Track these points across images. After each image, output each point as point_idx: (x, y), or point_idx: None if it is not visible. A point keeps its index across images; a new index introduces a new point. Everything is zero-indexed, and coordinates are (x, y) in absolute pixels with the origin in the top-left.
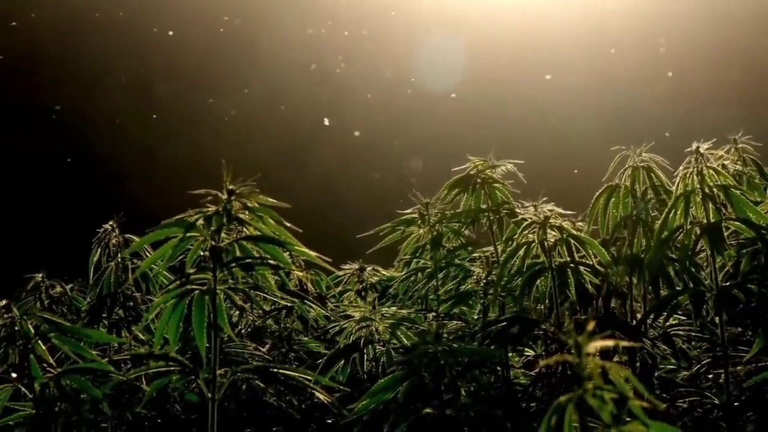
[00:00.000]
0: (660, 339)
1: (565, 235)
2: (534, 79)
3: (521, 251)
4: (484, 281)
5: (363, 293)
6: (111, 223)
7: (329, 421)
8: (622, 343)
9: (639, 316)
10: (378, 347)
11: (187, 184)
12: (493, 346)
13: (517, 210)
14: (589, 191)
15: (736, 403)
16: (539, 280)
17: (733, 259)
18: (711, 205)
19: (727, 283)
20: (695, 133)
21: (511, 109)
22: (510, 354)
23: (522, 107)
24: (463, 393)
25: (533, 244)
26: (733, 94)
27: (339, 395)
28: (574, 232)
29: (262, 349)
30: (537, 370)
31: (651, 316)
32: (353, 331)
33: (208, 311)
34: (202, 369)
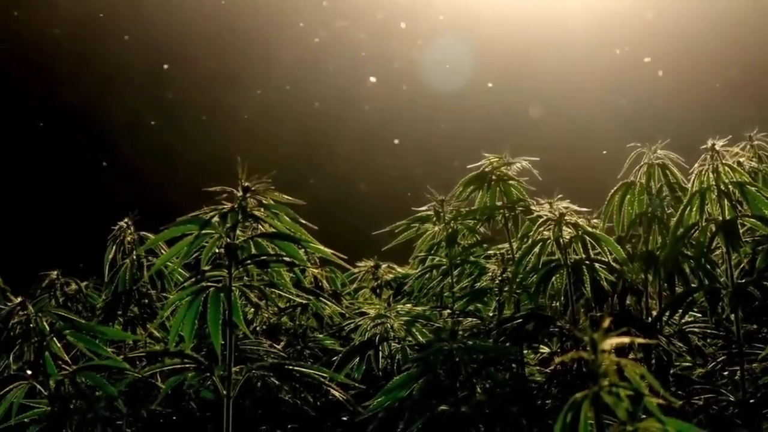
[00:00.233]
0: (675, 336)
1: (580, 232)
2: (549, 77)
3: (536, 248)
4: (500, 278)
5: (378, 290)
6: (126, 220)
7: (344, 418)
8: (638, 340)
9: (654, 313)
10: (393, 344)
11: (201, 182)
12: (508, 343)
13: (532, 207)
14: (604, 188)
15: (751, 400)
16: (554, 277)
17: (749, 256)
18: (726, 202)
19: (742, 280)
20: (710, 130)
21: (527, 106)
22: (525, 351)
23: (537, 105)
24: (479, 390)
25: (548, 241)
26: (749, 91)
27: (354, 392)
28: (590, 229)
29: (277, 347)
30: (552, 367)
31: (666, 313)
32: (368, 328)
33: (223, 308)
34: (217, 366)
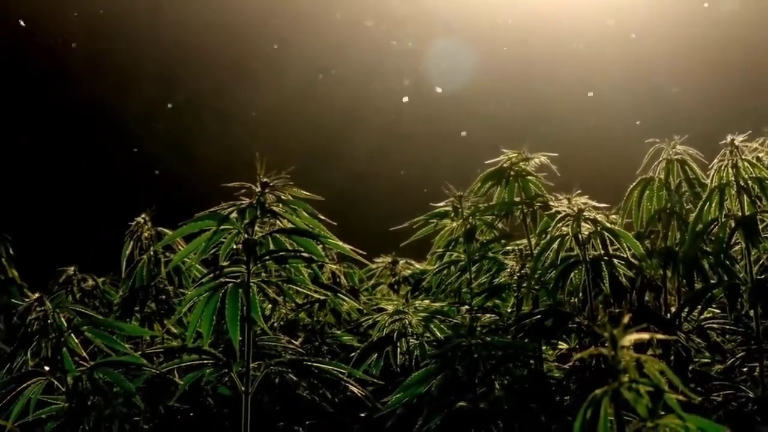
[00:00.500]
0: (694, 332)
1: (599, 227)
2: (566, 73)
3: (555, 244)
4: (518, 274)
5: (396, 286)
6: (143, 216)
7: (362, 414)
8: (657, 336)
9: (673, 309)
10: (411, 340)
11: (219, 178)
12: (526, 340)
13: (550, 203)
14: (623, 184)
15: None
16: (573, 273)
17: None
18: (746, 197)
19: (762, 276)
20: (730, 126)
21: (544, 102)
22: (543, 347)
23: (555, 101)
24: (497, 386)
25: (567, 237)
26: None
27: (372, 388)
28: (609, 225)
29: (295, 343)
30: (571, 364)
31: (685, 309)
32: (386, 325)
33: (242, 304)
34: (235, 362)
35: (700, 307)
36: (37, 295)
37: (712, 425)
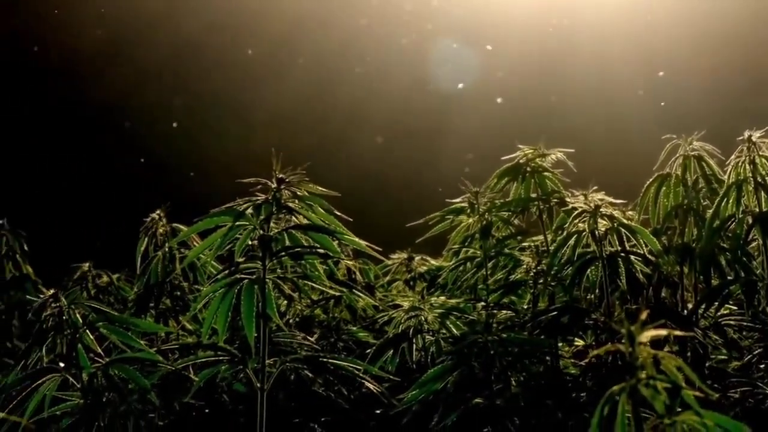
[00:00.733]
0: (711, 329)
1: (615, 224)
2: (581, 69)
3: (572, 240)
4: (534, 271)
5: (412, 283)
6: (158, 212)
7: (378, 411)
8: (674, 333)
9: (690, 305)
10: (427, 337)
11: (234, 174)
12: (542, 336)
13: (567, 199)
14: (639, 180)
15: None
16: (590, 270)
17: None
18: (763, 193)
19: None
20: (747, 122)
21: (560, 98)
22: (560, 344)
23: (570, 96)
24: (513, 383)
25: (584, 233)
26: None
27: (388, 385)
28: (625, 221)
29: (311, 339)
30: (587, 360)
31: (702, 306)
32: (402, 321)
33: (257, 301)
34: (250, 359)
35: (716, 303)
36: (52, 291)
37: (730, 422)
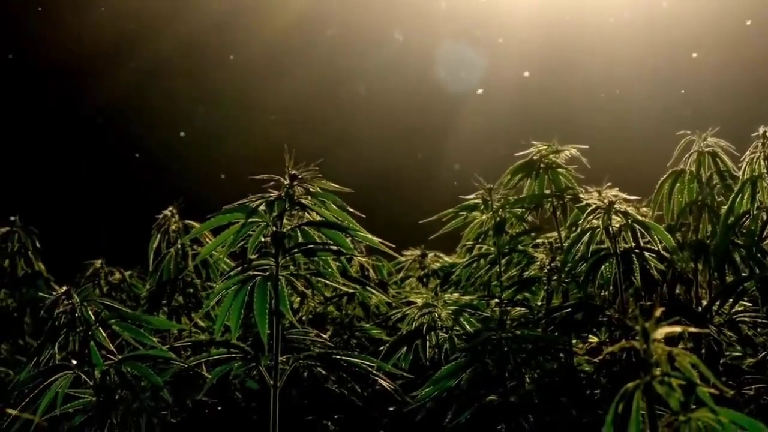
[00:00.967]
0: (725, 325)
1: (629, 220)
2: (595, 67)
3: (585, 237)
4: (548, 267)
5: (425, 279)
6: (171, 209)
7: (391, 408)
8: (689, 330)
9: (704, 302)
10: (441, 334)
11: (245, 171)
12: (556, 333)
13: (581, 195)
14: (653, 177)
15: None
16: (604, 266)
17: None
18: None
19: None
20: (762, 118)
21: (574, 95)
22: (573, 341)
23: (584, 93)
24: (527, 380)
25: (598, 230)
26: None
27: (402, 382)
28: (639, 218)
29: (324, 336)
30: (601, 357)
31: (717, 303)
32: (415, 318)
33: (270, 297)
34: (263, 356)
35: (731, 300)
36: (64, 288)
37: (745, 419)
